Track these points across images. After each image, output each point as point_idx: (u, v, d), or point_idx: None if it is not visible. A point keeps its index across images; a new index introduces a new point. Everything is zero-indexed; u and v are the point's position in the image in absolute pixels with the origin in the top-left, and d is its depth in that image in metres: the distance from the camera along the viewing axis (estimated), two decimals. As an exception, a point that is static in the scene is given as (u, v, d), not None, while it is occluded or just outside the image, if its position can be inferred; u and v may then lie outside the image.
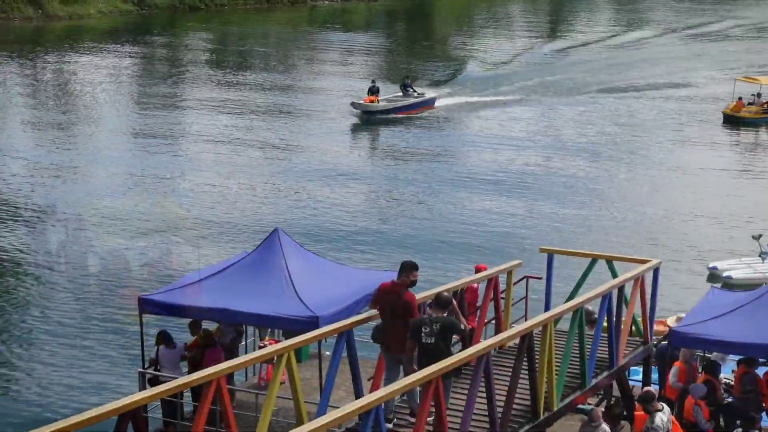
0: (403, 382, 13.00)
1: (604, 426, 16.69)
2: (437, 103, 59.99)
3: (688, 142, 53.49)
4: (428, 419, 13.48)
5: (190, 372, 18.10)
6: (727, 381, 19.47)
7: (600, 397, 19.76)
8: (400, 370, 14.85)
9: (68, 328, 28.11)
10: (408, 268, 14.68)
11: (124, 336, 27.21)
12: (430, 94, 60.80)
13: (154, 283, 29.77)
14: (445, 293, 14.45)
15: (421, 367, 13.70)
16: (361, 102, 56.84)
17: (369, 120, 56.24)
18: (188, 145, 50.24)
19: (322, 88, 66.61)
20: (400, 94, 59.26)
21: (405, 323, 14.42)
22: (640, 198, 42.44)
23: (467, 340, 15.73)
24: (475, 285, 18.86)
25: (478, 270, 19.59)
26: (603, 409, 18.22)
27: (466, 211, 39.85)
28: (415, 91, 59.61)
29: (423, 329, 13.99)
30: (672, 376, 18.58)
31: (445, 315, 14.25)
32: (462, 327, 14.17)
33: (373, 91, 57.58)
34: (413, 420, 14.31)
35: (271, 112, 58.28)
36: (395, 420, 14.88)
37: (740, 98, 59.01)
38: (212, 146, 49.67)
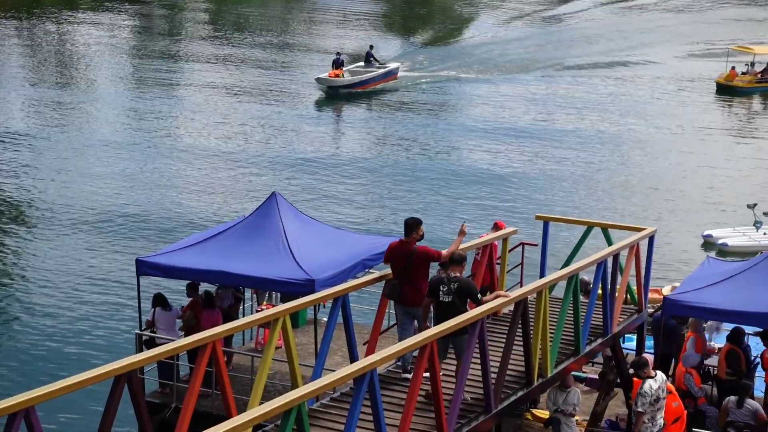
0: (398, 346, 13.06)
1: (575, 389, 16.91)
2: (400, 74, 58.62)
3: (681, 111, 53.32)
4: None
5: (186, 334, 18.18)
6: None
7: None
8: (413, 323, 15.22)
9: (65, 290, 28.17)
10: (414, 225, 15.17)
11: (122, 298, 27.29)
12: (393, 64, 59.51)
13: (150, 246, 29.87)
14: (461, 251, 14.74)
15: (437, 324, 13.95)
16: (325, 77, 55.29)
17: (334, 95, 54.92)
18: (177, 114, 49.97)
19: (296, 61, 65.21)
20: (363, 64, 58.05)
21: (418, 277, 14.95)
22: (636, 167, 42.44)
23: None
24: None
25: (497, 226, 19.55)
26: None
27: (457, 179, 39.75)
28: (377, 61, 58.29)
29: (441, 288, 14.34)
30: (690, 347, 18.41)
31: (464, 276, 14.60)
32: (478, 297, 14.41)
33: (338, 63, 56.10)
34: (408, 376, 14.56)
35: (239, 88, 56.27)
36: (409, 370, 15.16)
37: (733, 67, 58.88)
38: (191, 119, 49.04)
